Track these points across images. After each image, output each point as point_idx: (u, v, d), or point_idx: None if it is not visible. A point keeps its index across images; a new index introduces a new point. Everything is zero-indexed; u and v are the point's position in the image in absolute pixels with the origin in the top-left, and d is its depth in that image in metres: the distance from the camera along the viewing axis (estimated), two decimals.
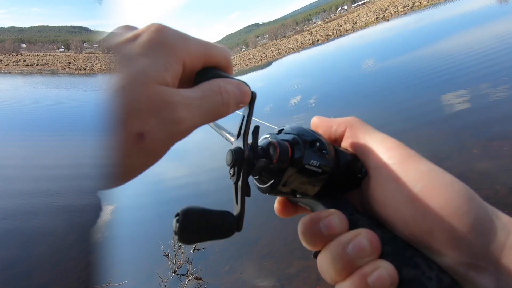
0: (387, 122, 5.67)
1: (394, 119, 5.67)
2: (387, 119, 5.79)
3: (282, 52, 41.84)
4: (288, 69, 22.72)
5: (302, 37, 56.39)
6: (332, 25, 55.31)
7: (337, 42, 28.07)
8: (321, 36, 39.20)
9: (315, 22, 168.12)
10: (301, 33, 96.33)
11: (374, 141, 0.29)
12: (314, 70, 16.38)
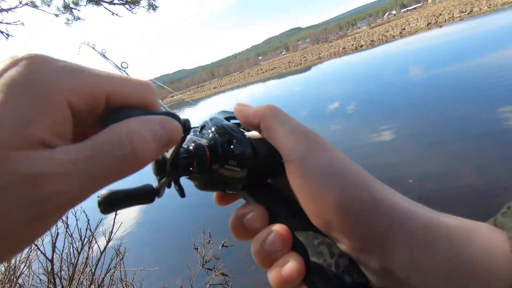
0: (431, 134, 5.34)
1: (438, 132, 5.31)
2: (431, 131, 5.44)
3: (323, 56, 41.10)
4: (328, 74, 22.27)
5: (345, 42, 54.87)
6: (378, 31, 53.07)
7: (382, 48, 26.87)
8: (366, 42, 37.80)
9: (360, 27, 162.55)
10: (344, 38, 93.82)
11: (286, 132, 0.30)
12: (356, 76, 15.86)
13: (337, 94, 12.25)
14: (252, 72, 73.34)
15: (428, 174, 4.14)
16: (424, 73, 10.58)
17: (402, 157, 4.88)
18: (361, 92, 11.10)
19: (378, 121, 7.06)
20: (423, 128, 5.76)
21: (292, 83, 24.85)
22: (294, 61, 52.42)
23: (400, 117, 6.81)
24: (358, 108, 8.82)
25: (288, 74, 34.65)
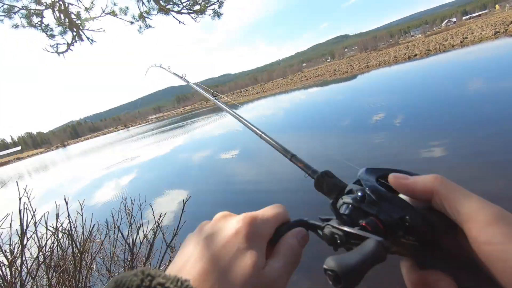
0: (491, 153, 4.79)
1: (500, 151, 4.74)
2: (491, 151, 4.88)
3: (371, 65, 39.46)
4: (376, 83, 21.29)
5: (396, 50, 52.09)
6: (435, 39, 49.50)
7: (438, 58, 24.97)
8: (420, 51, 35.45)
9: (413, 35, 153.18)
10: (395, 46, 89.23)
11: (473, 209, 0.27)
12: (406, 87, 14.93)
13: (384, 105, 11.63)
14: (295, 78, 73.09)
15: (487, 197, 3.70)
16: (487, 87, 9.55)
17: (456, 177, 4.45)
18: (412, 104, 10.40)
19: (428, 136, 6.54)
20: (482, 147, 5.19)
21: (336, 91, 24.23)
22: (339, 69, 51.10)
23: (454, 134, 6.22)
24: (407, 121, 8.26)
25: (333, 82, 33.86)
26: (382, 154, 6.26)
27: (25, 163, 70.27)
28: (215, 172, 9.37)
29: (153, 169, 13.28)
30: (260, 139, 0.67)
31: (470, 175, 4.46)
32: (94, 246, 2.86)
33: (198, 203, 6.75)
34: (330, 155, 7.40)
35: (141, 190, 2.89)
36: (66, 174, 22.07)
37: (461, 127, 6.62)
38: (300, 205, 4.75)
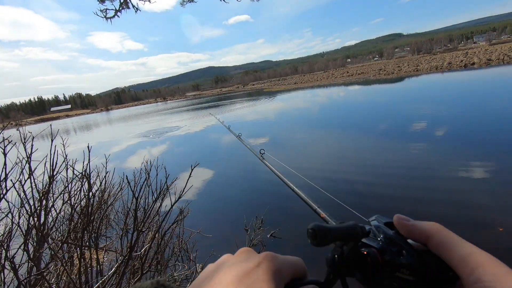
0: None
1: None
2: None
3: (421, 69, 36.82)
4: (422, 89, 19.91)
5: (453, 56, 47.93)
6: (500, 49, 44.69)
7: (500, 71, 22.64)
8: (479, 60, 32.28)
9: (476, 42, 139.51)
10: (453, 51, 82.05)
11: (464, 255, 0.30)
12: (456, 98, 13.82)
13: (427, 114, 10.90)
14: (337, 73, 70.52)
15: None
16: None
17: (495, 202, 4.13)
18: (458, 117, 9.62)
19: (470, 155, 6.08)
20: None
21: (378, 92, 23.07)
22: (386, 69, 48.33)
23: (501, 156, 5.72)
24: (449, 135, 7.70)
25: (376, 82, 32.22)
26: (417, 167, 5.95)
27: (73, 120, 76.58)
28: (240, 157, 9.55)
29: (183, 144, 13.83)
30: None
31: (508, 202, 4.13)
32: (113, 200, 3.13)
33: (220, 184, 6.99)
34: (357, 168, 7.21)
35: (167, 163, 3.07)
36: (104, 136, 23.72)
37: (508, 150, 6.06)
38: None
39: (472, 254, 0.31)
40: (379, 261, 0.33)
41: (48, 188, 1.88)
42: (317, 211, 0.66)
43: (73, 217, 2.30)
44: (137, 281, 1.86)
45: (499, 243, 3.25)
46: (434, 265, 0.33)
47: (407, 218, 0.36)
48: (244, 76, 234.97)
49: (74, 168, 2.23)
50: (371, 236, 0.36)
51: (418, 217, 0.35)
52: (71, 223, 2.22)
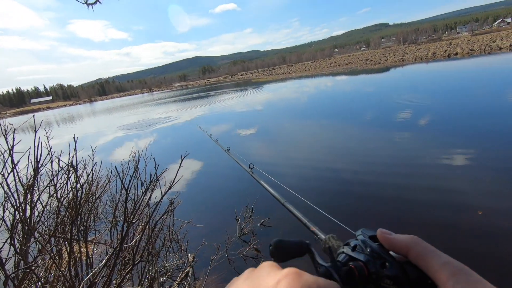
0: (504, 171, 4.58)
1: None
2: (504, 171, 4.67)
3: (406, 59, 37.38)
4: (407, 79, 20.26)
5: (437, 46, 48.79)
6: (482, 39, 45.79)
7: (481, 61, 23.27)
8: (462, 50, 33.03)
9: (459, 33, 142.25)
10: (437, 42, 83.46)
11: (440, 265, 0.33)
12: (439, 87, 14.14)
13: (411, 103, 11.14)
14: (325, 63, 70.69)
15: (503, 210, 3.61)
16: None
17: (475, 187, 4.32)
18: (441, 106, 9.88)
19: (453, 142, 6.29)
20: (510, 160, 4.95)
21: (365, 82, 23.32)
22: (372, 59, 48.76)
23: (482, 144, 5.94)
24: (433, 124, 7.92)
25: (363, 72, 32.52)
26: (400, 155, 6.12)
27: (55, 112, 74.02)
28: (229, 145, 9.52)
29: (172, 135, 13.65)
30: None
31: (491, 185, 4.32)
32: (101, 192, 3.08)
33: (210, 174, 6.98)
34: (348, 159, 7.31)
35: (156, 154, 3.03)
36: (89, 128, 23.10)
37: (491, 137, 6.31)
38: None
39: (446, 264, 0.33)
40: (366, 274, 0.37)
41: (33, 181, 1.84)
42: (307, 225, 0.71)
43: (60, 210, 2.26)
44: (128, 272, 1.86)
45: (478, 225, 3.42)
46: (414, 275, 0.36)
47: (389, 232, 0.39)
48: (232, 66, 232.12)
49: (60, 160, 2.17)
50: (358, 250, 0.40)
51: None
52: (58, 216, 2.18)
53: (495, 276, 2.68)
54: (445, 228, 3.47)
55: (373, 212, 4.09)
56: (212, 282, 3.15)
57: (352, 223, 0.88)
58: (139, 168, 2.66)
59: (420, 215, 3.82)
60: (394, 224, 3.75)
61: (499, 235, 3.20)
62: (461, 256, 2.94)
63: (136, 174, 2.59)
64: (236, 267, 3.33)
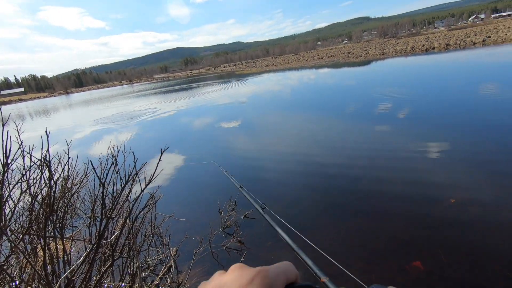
0: (490, 161, 4.85)
1: (499, 160, 4.80)
2: (491, 158, 4.94)
3: (387, 53, 38.21)
4: (387, 72, 20.77)
5: (416, 41, 50.13)
6: (457, 34, 47.48)
7: (457, 55, 24.17)
8: (439, 44, 34.16)
9: (437, 27, 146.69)
10: (415, 36, 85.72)
11: None
12: (417, 80, 14.60)
13: (391, 96, 11.46)
14: (308, 56, 71.02)
15: (475, 199, 3.82)
16: (500, 93, 9.36)
17: (449, 176, 4.53)
18: (419, 99, 10.24)
19: (430, 134, 6.55)
20: (482, 152, 5.22)
21: (347, 75, 23.68)
22: (354, 52, 49.48)
23: (456, 135, 6.23)
24: (411, 116, 8.19)
25: (345, 65, 32.98)
26: (381, 147, 6.30)
27: (28, 104, 70.29)
28: (212, 140, 9.46)
29: (152, 129, 13.35)
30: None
31: (463, 175, 4.54)
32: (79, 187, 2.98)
33: (193, 168, 6.90)
34: (327, 148, 7.42)
35: (137, 148, 2.95)
36: (65, 122, 22.17)
37: (465, 129, 6.63)
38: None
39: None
40: None
41: (2, 177, 1.74)
42: (317, 275, 0.72)
43: (34, 207, 2.17)
44: (107, 269, 1.82)
45: (450, 213, 3.60)
46: None
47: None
48: (215, 58, 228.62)
49: (32, 155, 2.07)
50: None
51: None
52: (32, 213, 2.09)
53: (466, 261, 2.85)
54: (421, 218, 3.64)
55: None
56: (195, 275, 3.16)
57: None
58: (119, 163, 2.59)
59: (397, 204, 3.98)
60: (374, 214, 3.88)
61: (469, 224, 3.39)
62: (435, 244, 3.10)
63: (115, 168, 2.52)
64: (219, 259, 3.35)
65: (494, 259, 2.81)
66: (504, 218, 3.35)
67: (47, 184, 2.05)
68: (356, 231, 3.57)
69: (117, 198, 2.10)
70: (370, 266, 2.75)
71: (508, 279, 2.56)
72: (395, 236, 3.35)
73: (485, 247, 2.98)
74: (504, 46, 24.57)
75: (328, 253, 1.67)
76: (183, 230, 3.84)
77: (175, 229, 3.89)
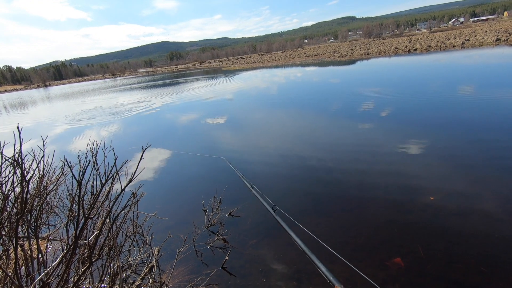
0: (467, 158, 5.04)
1: (475, 157, 5.00)
2: (468, 156, 5.14)
3: (371, 52, 38.92)
4: (372, 72, 21.18)
5: (399, 41, 51.34)
6: (438, 36, 49.00)
7: (437, 56, 24.95)
8: (421, 46, 35.15)
9: (419, 29, 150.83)
10: (399, 37, 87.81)
11: None
12: (400, 80, 14.97)
13: (374, 95, 11.70)
14: (294, 54, 71.29)
15: (453, 195, 3.96)
16: (476, 93, 9.76)
17: (429, 174, 4.68)
18: (401, 98, 10.50)
19: (410, 132, 6.72)
20: (460, 149, 5.43)
21: (332, 73, 23.95)
22: (340, 51, 50.10)
23: (435, 134, 6.44)
24: (393, 115, 8.39)
25: (331, 64, 33.35)
26: (363, 143, 6.42)
27: (2, 97, 66.90)
28: (197, 136, 9.34)
29: (135, 124, 13.03)
30: None
31: (443, 173, 4.69)
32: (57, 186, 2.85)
33: (177, 165, 6.78)
34: (311, 146, 7.47)
35: (119, 145, 2.85)
36: (42, 115, 21.29)
37: (444, 128, 6.85)
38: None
39: None
40: None
41: None
42: (331, 282, 0.70)
43: (6, 206, 2.06)
44: (85, 270, 1.75)
45: (429, 210, 3.72)
46: None
47: None
48: (201, 53, 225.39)
49: (3, 152, 1.96)
50: None
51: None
52: (3, 213, 1.98)
53: (444, 257, 2.94)
54: (403, 215, 3.73)
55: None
56: (179, 274, 3.11)
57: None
58: (99, 160, 2.50)
59: (380, 203, 4.06)
60: (357, 211, 3.95)
61: (447, 220, 3.51)
62: (415, 240, 3.19)
63: (95, 166, 2.42)
64: (203, 258, 3.31)
65: (469, 254, 2.92)
66: (479, 214, 3.50)
67: (19, 183, 1.94)
68: (339, 227, 3.62)
69: (96, 196, 2.02)
70: (353, 263, 2.79)
71: (481, 274, 2.67)
72: (377, 233, 3.42)
73: (461, 243, 3.09)
74: (481, 49, 25.58)
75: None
76: (166, 229, 3.77)
77: (158, 228, 3.81)
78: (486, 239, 3.10)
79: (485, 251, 2.93)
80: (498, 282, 2.57)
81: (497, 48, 24.95)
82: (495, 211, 3.52)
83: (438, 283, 2.64)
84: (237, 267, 3.14)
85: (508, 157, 4.85)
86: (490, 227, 3.27)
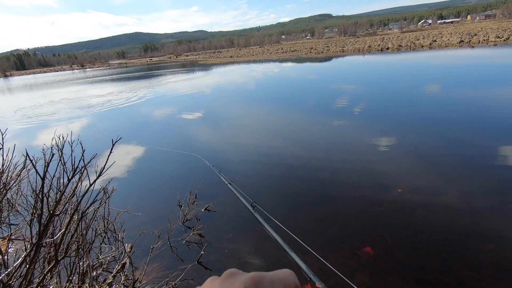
0: (431, 153, 5.36)
1: (439, 152, 5.34)
2: (432, 151, 5.46)
3: (346, 50, 39.95)
4: (346, 69, 21.78)
5: (372, 40, 53.09)
6: (409, 37, 51.24)
7: (407, 56, 26.13)
8: (393, 45, 36.61)
9: (391, 29, 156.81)
10: (372, 36, 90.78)
11: None
12: (372, 78, 15.54)
13: (348, 92, 12.06)
14: (272, 49, 71.50)
15: (419, 188, 4.20)
16: (441, 91, 10.38)
17: (396, 167, 4.92)
18: (372, 95, 10.93)
19: (380, 129, 7.02)
20: (425, 145, 5.76)
21: (309, 70, 24.33)
22: (316, 48, 50.94)
23: (403, 129, 6.79)
24: (365, 112, 8.72)
25: (307, 60, 33.84)
26: (336, 140, 6.61)
27: None
28: (171, 131, 9.14)
29: (107, 118, 12.49)
30: None
31: (409, 167, 4.94)
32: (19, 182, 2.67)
33: (151, 160, 6.59)
34: (289, 141, 7.57)
35: (88, 139, 2.71)
36: (2, 108, 19.79)
37: (411, 123, 7.21)
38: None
39: None
40: None
41: None
42: (312, 280, 0.70)
43: None
44: (50, 270, 1.67)
45: (397, 201, 3.92)
46: None
47: None
48: (177, 46, 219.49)
49: None
50: None
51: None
52: None
53: (409, 244, 3.13)
54: (373, 206, 3.91)
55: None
56: (153, 270, 3.05)
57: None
58: (66, 155, 2.36)
59: (352, 196, 4.22)
60: (330, 204, 4.07)
61: (414, 211, 3.72)
62: (383, 230, 3.35)
63: (62, 161, 2.29)
64: (179, 253, 3.27)
65: (432, 241, 3.13)
66: (442, 206, 3.74)
67: None
68: (314, 220, 3.73)
69: (63, 192, 1.92)
70: (325, 254, 2.89)
71: (443, 259, 2.87)
72: (349, 224, 3.56)
73: (424, 231, 3.30)
74: (447, 50, 27.12)
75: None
76: (140, 225, 3.67)
77: (131, 224, 3.71)
78: (448, 228, 3.33)
79: (446, 239, 3.15)
80: (457, 266, 2.78)
81: (461, 49, 26.57)
82: (456, 203, 3.78)
83: (404, 269, 2.81)
84: (213, 261, 3.14)
85: (469, 153, 5.21)
86: (451, 217, 3.51)
